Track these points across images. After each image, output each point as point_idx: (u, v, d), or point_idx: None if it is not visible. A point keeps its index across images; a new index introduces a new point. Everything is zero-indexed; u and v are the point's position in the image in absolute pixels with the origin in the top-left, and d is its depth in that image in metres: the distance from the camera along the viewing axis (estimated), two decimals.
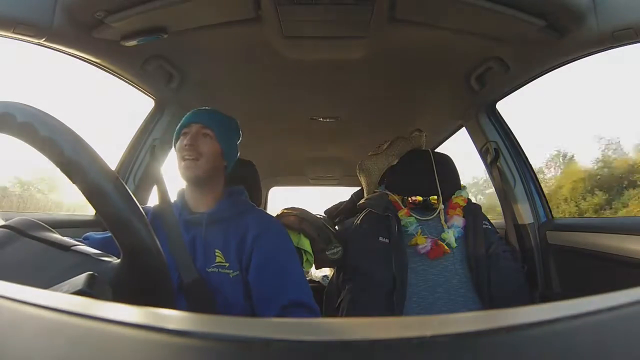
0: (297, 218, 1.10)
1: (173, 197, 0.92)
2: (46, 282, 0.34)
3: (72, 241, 0.41)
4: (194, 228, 0.84)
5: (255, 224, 0.84)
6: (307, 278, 1.87)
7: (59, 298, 0.26)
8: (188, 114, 0.92)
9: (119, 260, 0.37)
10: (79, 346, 0.16)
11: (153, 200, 1.27)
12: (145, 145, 1.25)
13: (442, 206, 1.14)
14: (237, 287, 0.80)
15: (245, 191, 0.94)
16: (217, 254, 0.81)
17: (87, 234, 0.83)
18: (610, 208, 5.10)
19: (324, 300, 1.31)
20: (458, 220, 1.11)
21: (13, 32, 0.73)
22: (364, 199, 1.24)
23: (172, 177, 0.99)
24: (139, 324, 0.16)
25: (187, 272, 0.78)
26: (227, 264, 0.80)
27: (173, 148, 0.92)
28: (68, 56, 0.89)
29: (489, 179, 1.39)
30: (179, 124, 0.91)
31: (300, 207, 1.17)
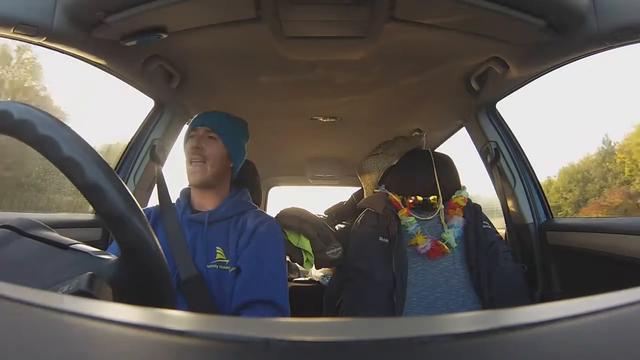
0: (297, 218, 1.11)
1: (174, 197, 0.94)
2: (45, 281, 0.34)
3: (70, 240, 0.41)
4: (196, 226, 0.86)
5: (252, 220, 0.87)
6: (307, 278, 1.87)
7: (59, 298, 0.26)
8: (195, 117, 0.94)
9: (117, 258, 0.37)
10: (79, 346, 0.16)
11: (153, 200, 1.27)
12: (145, 145, 1.25)
13: (442, 206, 1.14)
14: None
15: (248, 192, 0.97)
16: (218, 250, 0.83)
17: None
18: None
19: (324, 300, 1.31)
20: (458, 220, 1.11)
21: (13, 32, 0.73)
22: (363, 199, 1.24)
23: (172, 178, 1.00)
24: (139, 324, 0.16)
25: (186, 268, 0.80)
26: (227, 261, 0.82)
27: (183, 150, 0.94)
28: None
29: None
30: (188, 128, 0.94)
31: (300, 207, 1.17)
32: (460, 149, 1.61)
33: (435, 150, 1.25)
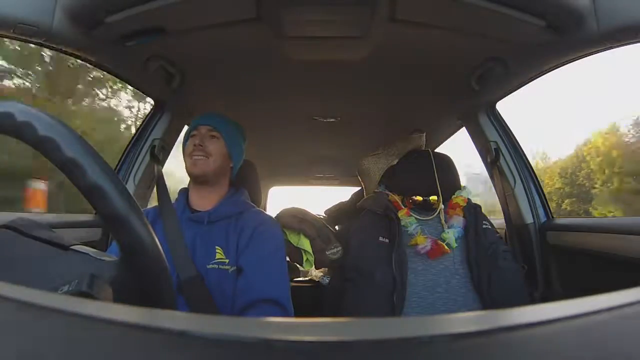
0: (297, 218, 1.11)
1: (174, 198, 0.94)
2: (46, 282, 0.34)
3: (71, 240, 0.41)
4: (195, 226, 0.86)
5: (252, 220, 0.87)
6: (307, 278, 1.87)
7: (59, 298, 0.26)
8: (196, 117, 0.96)
9: (118, 259, 0.37)
10: (79, 346, 0.16)
11: (153, 200, 1.27)
12: (145, 145, 1.25)
13: (442, 206, 1.14)
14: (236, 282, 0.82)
15: (246, 192, 0.97)
16: (217, 250, 0.83)
17: None
18: None
19: (324, 300, 1.31)
20: (458, 220, 1.11)
21: (13, 32, 0.73)
22: (363, 199, 1.24)
23: (171, 177, 1.00)
24: (139, 324, 0.16)
25: (185, 268, 0.80)
26: (227, 260, 0.82)
27: (182, 152, 0.95)
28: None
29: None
30: (188, 128, 0.95)
31: (300, 207, 1.17)
32: (460, 149, 1.61)
33: (435, 150, 1.25)
